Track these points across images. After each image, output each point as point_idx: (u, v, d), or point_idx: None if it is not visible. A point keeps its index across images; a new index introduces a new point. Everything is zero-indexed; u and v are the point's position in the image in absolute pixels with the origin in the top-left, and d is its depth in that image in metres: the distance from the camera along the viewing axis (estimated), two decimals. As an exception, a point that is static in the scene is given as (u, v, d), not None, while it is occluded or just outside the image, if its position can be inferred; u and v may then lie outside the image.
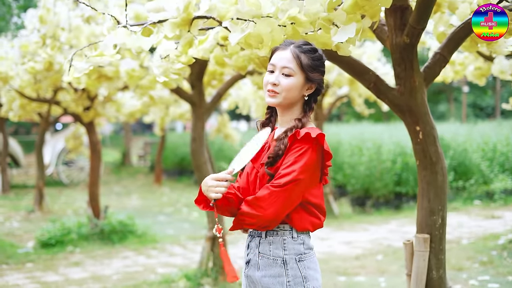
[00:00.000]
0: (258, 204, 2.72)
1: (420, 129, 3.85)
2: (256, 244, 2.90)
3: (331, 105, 11.98)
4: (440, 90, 39.11)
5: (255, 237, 2.91)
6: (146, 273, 7.52)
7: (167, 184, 18.87)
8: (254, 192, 2.88)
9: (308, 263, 2.86)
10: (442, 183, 3.87)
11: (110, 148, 34.46)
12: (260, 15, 3.19)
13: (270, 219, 2.74)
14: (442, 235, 3.89)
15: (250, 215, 2.75)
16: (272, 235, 2.85)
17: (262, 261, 2.85)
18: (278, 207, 2.72)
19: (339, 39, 3.05)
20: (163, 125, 15.81)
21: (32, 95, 9.11)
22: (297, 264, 2.82)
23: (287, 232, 2.85)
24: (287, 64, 2.84)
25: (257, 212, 2.72)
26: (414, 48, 3.76)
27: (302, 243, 2.86)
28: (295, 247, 2.84)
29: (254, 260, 2.88)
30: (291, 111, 2.92)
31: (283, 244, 2.83)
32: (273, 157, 2.80)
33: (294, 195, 2.75)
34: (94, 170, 9.62)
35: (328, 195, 11.54)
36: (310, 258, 2.88)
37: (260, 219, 2.74)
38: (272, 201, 2.70)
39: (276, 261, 2.82)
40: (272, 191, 2.71)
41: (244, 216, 2.78)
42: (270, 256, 2.84)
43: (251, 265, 2.90)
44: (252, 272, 2.89)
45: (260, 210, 2.71)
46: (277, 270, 2.81)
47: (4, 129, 16.10)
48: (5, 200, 15.26)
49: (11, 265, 8.02)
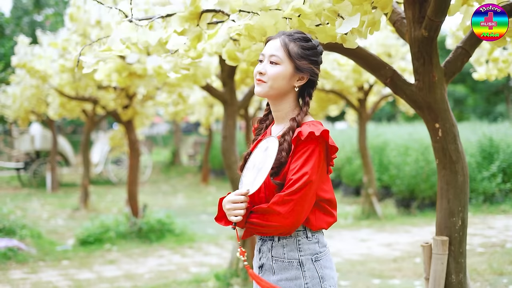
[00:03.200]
0: (276, 215, 2.59)
1: (440, 126, 3.67)
2: (269, 248, 2.78)
3: (375, 104, 11.72)
4: (498, 91, 38.13)
5: (267, 241, 2.79)
6: (178, 272, 7.49)
7: (213, 183, 18.90)
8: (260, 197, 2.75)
9: (324, 262, 2.75)
10: (463, 183, 3.68)
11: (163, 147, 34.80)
12: (264, 7, 3.09)
13: (291, 227, 2.62)
14: (463, 238, 3.70)
15: (269, 226, 2.63)
16: (285, 237, 2.73)
17: (276, 265, 2.74)
18: (297, 214, 2.60)
19: (343, 30, 2.93)
20: (208, 125, 15.81)
21: (71, 94, 9.19)
22: (314, 264, 2.72)
23: (301, 232, 2.73)
24: (274, 52, 2.73)
25: (276, 223, 2.59)
26: (433, 41, 3.59)
27: (317, 241, 2.76)
28: (310, 247, 2.73)
29: (268, 264, 2.77)
30: (283, 104, 2.80)
31: (298, 245, 2.72)
32: (276, 166, 2.68)
33: (310, 198, 2.63)
34: (132, 169, 9.65)
35: (371, 196, 11.33)
36: (325, 256, 2.77)
37: (279, 229, 2.62)
38: (290, 209, 2.57)
39: (292, 264, 2.71)
40: (287, 200, 2.58)
41: (258, 226, 2.66)
42: (285, 259, 2.72)
43: (265, 269, 2.79)
44: (267, 277, 2.77)
45: (280, 221, 2.59)
46: (293, 272, 2.70)
47: (53, 128, 16.36)
48: (54, 198, 15.52)
49: (48, 262, 8.10)
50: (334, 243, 9.19)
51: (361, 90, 11.06)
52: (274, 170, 2.67)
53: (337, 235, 9.84)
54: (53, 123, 16.35)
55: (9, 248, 8.23)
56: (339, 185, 15.44)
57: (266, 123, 2.95)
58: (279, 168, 2.68)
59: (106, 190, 17.17)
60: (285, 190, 2.60)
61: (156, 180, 20.24)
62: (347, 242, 9.23)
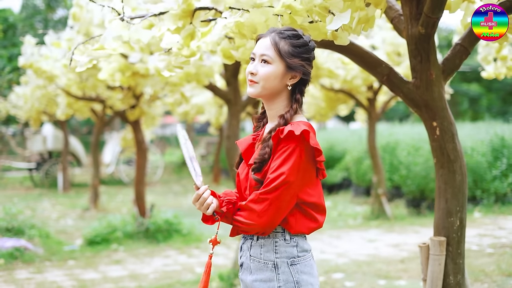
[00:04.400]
0: (251, 212, 2.58)
1: (437, 125, 3.61)
2: (248, 247, 2.76)
3: (385, 104, 11.60)
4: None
5: (248, 239, 2.78)
6: (183, 273, 7.46)
7: (225, 183, 18.86)
8: (244, 192, 2.74)
9: (302, 267, 2.69)
10: (461, 182, 3.61)
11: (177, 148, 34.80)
12: (255, 3, 3.04)
13: (265, 226, 2.60)
14: (461, 238, 3.63)
15: (245, 223, 2.62)
16: (263, 238, 2.70)
17: (253, 264, 2.71)
18: (272, 214, 2.57)
19: (333, 27, 2.88)
20: (219, 125, 15.78)
21: (78, 94, 9.19)
22: (289, 268, 2.66)
23: (279, 234, 2.69)
24: (264, 51, 2.67)
25: (251, 220, 2.59)
26: (431, 38, 3.53)
27: (296, 245, 2.70)
28: (287, 250, 2.68)
29: (246, 263, 2.75)
30: (276, 103, 2.75)
31: (275, 246, 2.68)
32: (259, 162, 2.64)
33: (288, 199, 2.59)
34: (139, 169, 9.64)
35: (381, 196, 11.25)
36: (304, 261, 2.71)
37: (254, 228, 2.61)
38: (265, 209, 2.55)
39: (267, 265, 2.68)
40: (263, 199, 2.55)
41: (238, 223, 2.66)
42: (261, 259, 2.69)
43: (244, 268, 2.77)
44: (245, 276, 2.76)
45: (254, 219, 2.58)
46: (267, 274, 2.67)
47: (65, 128, 16.40)
48: (65, 198, 15.55)
49: (54, 262, 8.10)
50: (342, 243, 9.12)
51: (370, 90, 10.97)
52: (256, 165, 2.64)
53: (345, 236, 9.78)
54: (65, 123, 16.40)
55: (16, 248, 8.24)
56: (349, 186, 15.36)
57: (263, 121, 2.90)
58: (262, 163, 2.64)
59: (117, 190, 17.19)
60: (262, 188, 2.58)
61: (167, 180, 20.25)
62: (355, 243, 9.16)
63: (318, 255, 8.29)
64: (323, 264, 7.66)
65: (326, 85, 10.49)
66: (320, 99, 11.87)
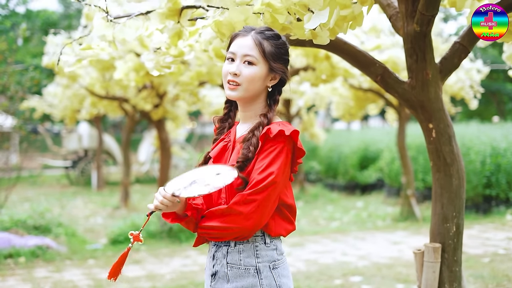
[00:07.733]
0: (235, 216, 2.46)
1: (433, 126, 3.48)
2: (224, 254, 2.62)
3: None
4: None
5: (222, 246, 2.64)
6: (200, 273, 7.40)
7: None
8: (218, 199, 2.63)
9: (282, 270, 2.62)
10: (458, 187, 3.47)
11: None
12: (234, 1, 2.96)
13: (251, 229, 2.50)
14: (457, 245, 3.49)
15: (221, 228, 2.50)
16: (242, 243, 2.59)
17: (232, 272, 2.59)
18: (260, 216, 2.48)
19: (310, 26, 2.77)
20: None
21: (101, 93, 9.22)
22: (272, 272, 2.58)
23: (259, 238, 2.60)
24: (248, 51, 2.57)
25: (234, 224, 2.47)
26: (426, 37, 3.39)
27: (275, 248, 2.62)
28: (268, 254, 2.59)
29: (222, 271, 2.61)
30: (254, 104, 2.67)
31: (256, 251, 2.58)
32: (242, 161, 2.54)
33: (273, 200, 2.51)
34: (163, 168, 9.63)
35: (410, 197, 11.03)
36: (283, 264, 2.64)
37: (236, 232, 2.50)
38: (252, 210, 2.45)
39: (248, 271, 2.57)
40: (251, 200, 2.45)
41: (210, 229, 2.54)
42: (241, 265, 2.58)
43: (218, 277, 2.63)
44: (220, 285, 2.62)
45: (239, 222, 2.46)
46: (249, 280, 2.56)
47: (99, 127, 16.54)
48: (98, 197, 15.69)
49: (74, 261, 8.13)
50: (366, 245, 8.95)
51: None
52: (240, 164, 2.53)
53: (370, 237, 9.60)
54: (99, 121, 16.53)
55: (38, 247, 8.30)
56: (383, 186, 15.11)
57: (228, 122, 2.81)
58: (245, 163, 2.53)
59: (151, 189, 17.25)
60: (248, 189, 2.47)
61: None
62: (379, 245, 8.98)
63: (339, 257, 8.16)
64: (342, 267, 7.52)
65: (354, 84, 10.32)
66: (349, 99, 11.68)
